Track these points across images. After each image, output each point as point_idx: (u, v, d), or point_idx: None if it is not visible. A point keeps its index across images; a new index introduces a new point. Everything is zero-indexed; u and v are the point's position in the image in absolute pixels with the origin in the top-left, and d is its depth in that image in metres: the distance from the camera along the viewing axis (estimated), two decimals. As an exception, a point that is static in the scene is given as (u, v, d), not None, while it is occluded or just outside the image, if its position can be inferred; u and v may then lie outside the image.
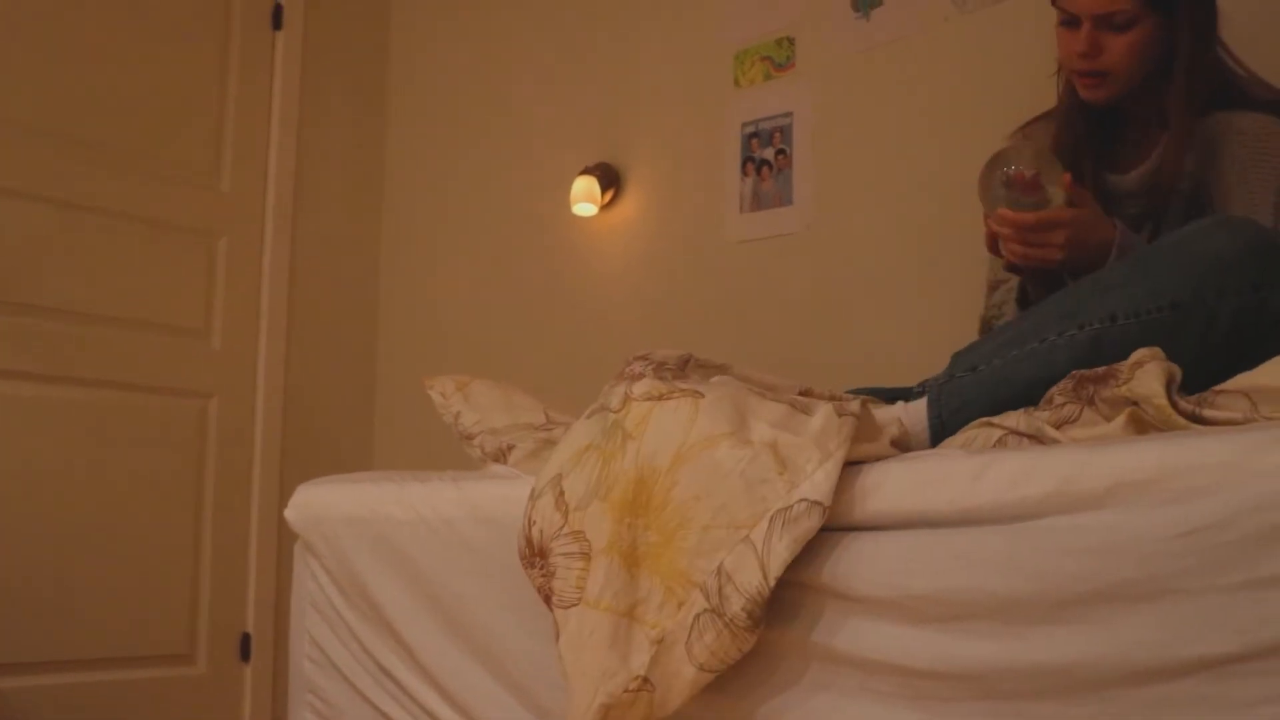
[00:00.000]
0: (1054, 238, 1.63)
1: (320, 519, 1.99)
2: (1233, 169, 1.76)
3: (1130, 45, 1.78)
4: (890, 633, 1.22)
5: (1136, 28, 1.77)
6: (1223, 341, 1.38)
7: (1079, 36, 1.80)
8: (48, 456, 3.20)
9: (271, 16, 3.85)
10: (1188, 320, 1.39)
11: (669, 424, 1.35)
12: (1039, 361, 1.47)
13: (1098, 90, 1.84)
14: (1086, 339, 1.44)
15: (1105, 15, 1.77)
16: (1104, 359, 1.39)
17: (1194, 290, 1.39)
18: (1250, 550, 1.02)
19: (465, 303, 3.75)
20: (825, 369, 2.63)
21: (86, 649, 3.21)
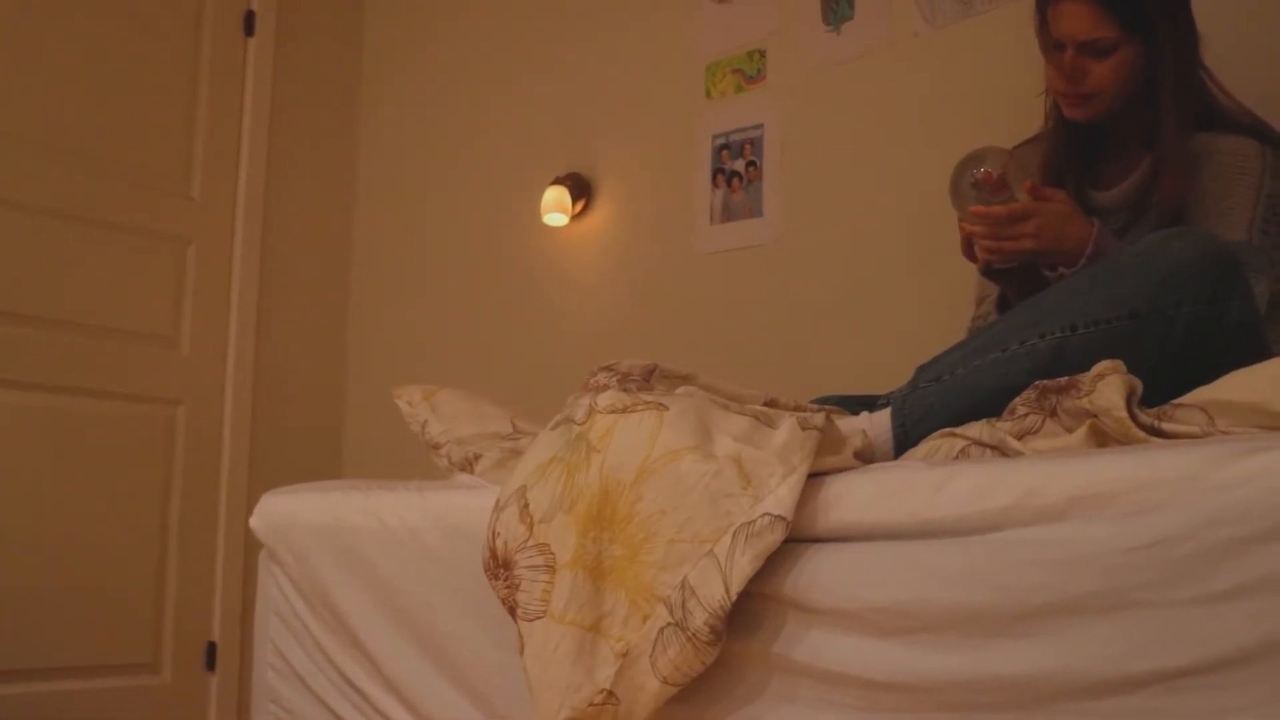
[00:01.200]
0: (1025, 228, 1.67)
1: (285, 528, 1.98)
2: (1213, 187, 1.79)
3: (1113, 69, 1.83)
4: (851, 645, 1.23)
5: (1119, 52, 1.82)
6: (1181, 351, 1.41)
7: (1064, 61, 1.85)
8: (12, 463, 3.17)
9: (244, 23, 3.84)
10: (1146, 329, 1.41)
11: (633, 437, 1.35)
12: (1001, 371, 1.49)
13: (1083, 110, 1.89)
14: (1048, 348, 1.46)
15: (1088, 42, 1.82)
16: (1065, 368, 1.40)
17: (1152, 300, 1.41)
18: (1205, 564, 1.02)
19: (435, 311, 3.74)
20: (793, 380, 2.63)
21: (49, 658, 3.18)
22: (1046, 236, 1.67)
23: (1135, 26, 1.81)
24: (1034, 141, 2.08)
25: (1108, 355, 1.37)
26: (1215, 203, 1.78)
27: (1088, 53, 1.84)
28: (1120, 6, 1.80)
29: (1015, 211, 1.68)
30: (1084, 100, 1.88)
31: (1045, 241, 1.68)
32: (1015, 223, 1.68)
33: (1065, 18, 1.84)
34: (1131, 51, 1.83)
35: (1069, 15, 1.83)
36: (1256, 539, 1.01)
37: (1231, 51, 2.02)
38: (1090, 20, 1.81)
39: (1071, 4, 1.83)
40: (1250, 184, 1.77)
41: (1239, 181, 1.78)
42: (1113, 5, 1.80)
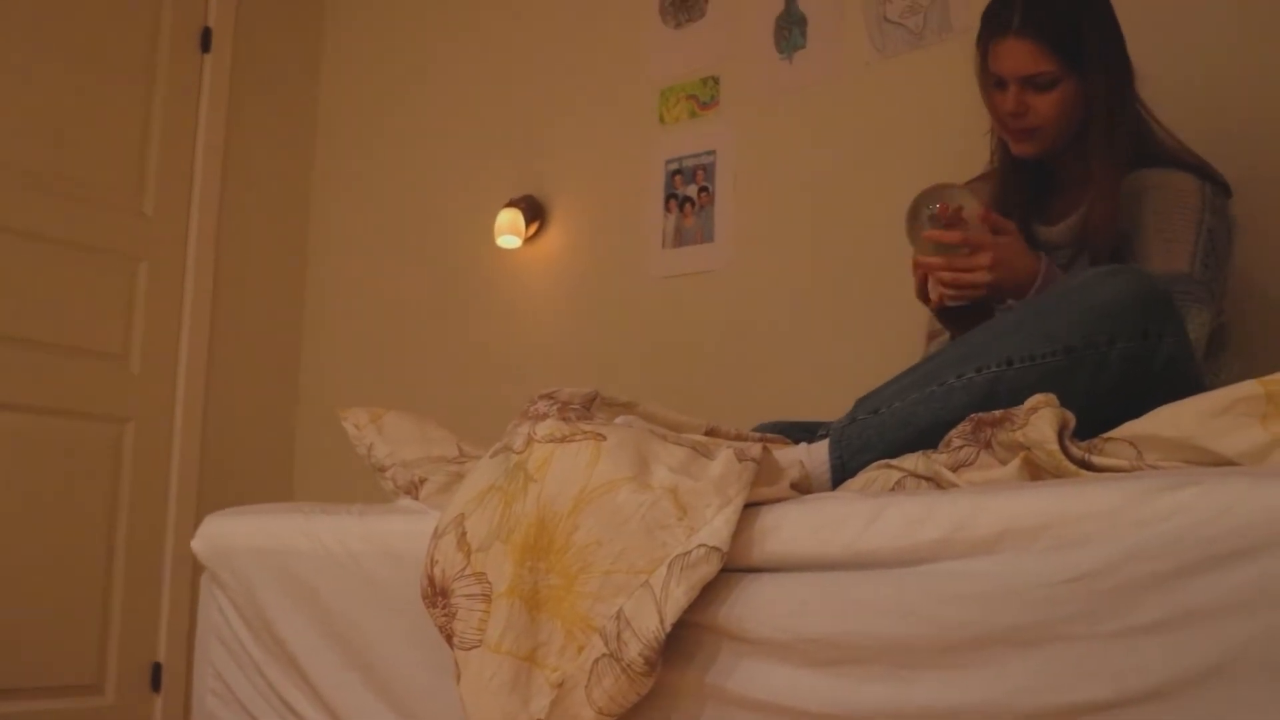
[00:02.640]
0: (980, 260, 1.69)
1: (227, 551, 1.97)
2: (1153, 220, 1.83)
3: (1055, 103, 1.87)
4: (783, 675, 1.23)
5: (1060, 87, 1.86)
6: (1114, 386, 1.44)
7: (1007, 97, 1.89)
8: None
9: (200, 39, 3.83)
10: (1080, 365, 1.44)
11: (570, 467, 1.35)
12: (938, 404, 1.50)
13: (1028, 145, 1.93)
14: (984, 382, 1.48)
15: (1030, 77, 1.87)
16: (1000, 402, 1.43)
17: (1086, 336, 1.44)
18: (1128, 598, 1.04)
19: (389, 332, 3.73)
20: (743, 405, 2.64)
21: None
22: (1001, 269, 1.70)
23: (1074, 62, 1.85)
24: (981, 179, 2.11)
25: (1042, 390, 1.39)
26: (1156, 235, 1.81)
27: (1030, 87, 1.88)
28: (1059, 43, 1.84)
29: (972, 240, 1.70)
30: (1029, 135, 1.92)
31: (1000, 273, 1.70)
32: (971, 253, 1.70)
33: (1006, 55, 1.88)
34: (1072, 86, 1.87)
35: (1010, 52, 1.87)
36: (1178, 574, 1.02)
37: (1170, 92, 2.06)
38: (1031, 56, 1.85)
39: (1012, 41, 1.86)
40: (1190, 218, 1.80)
41: (1179, 215, 1.81)
42: (1051, 41, 1.84)
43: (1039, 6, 1.86)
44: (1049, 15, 1.85)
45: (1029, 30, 1.84)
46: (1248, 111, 2.16)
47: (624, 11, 3.23)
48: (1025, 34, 1.85)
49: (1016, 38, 1.86)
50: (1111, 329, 1.43)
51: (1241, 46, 2.18)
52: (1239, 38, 2.19)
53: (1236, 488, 1.02)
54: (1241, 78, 2.18)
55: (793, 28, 2.85)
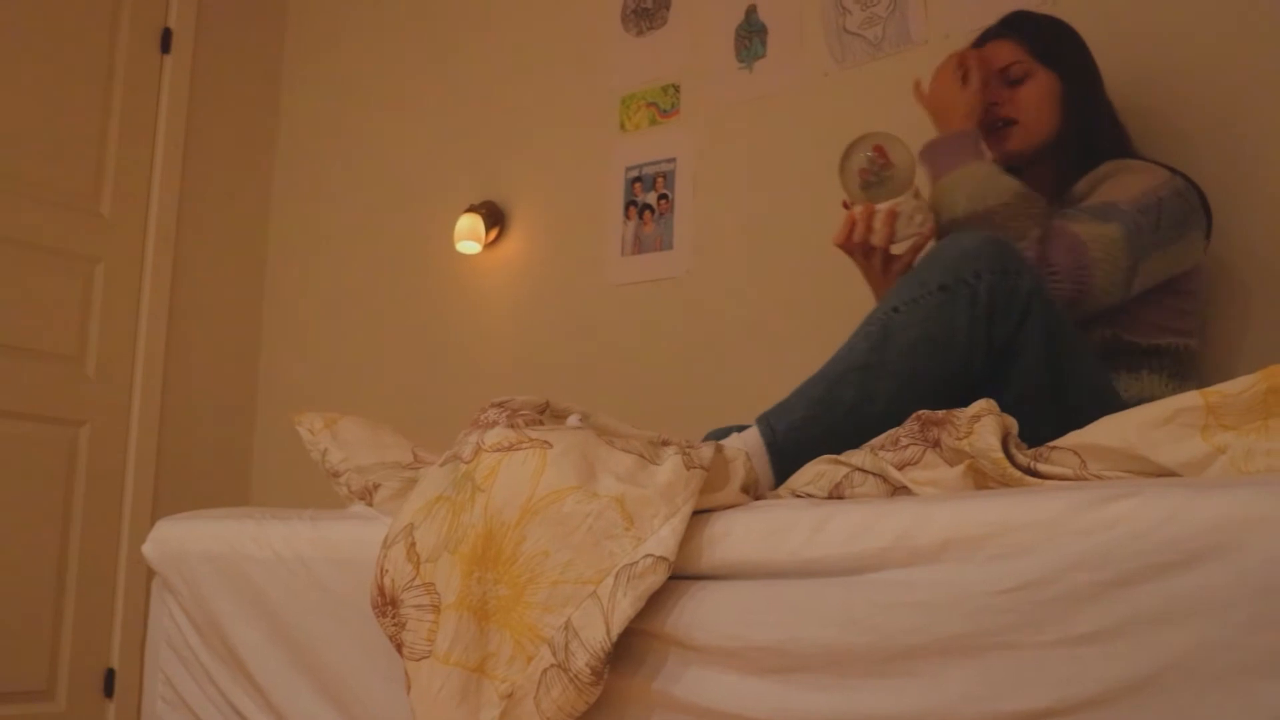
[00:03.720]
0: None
1: (179, 556, 1.96)
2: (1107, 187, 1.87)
3: (1031, 93, 1.99)
4: (730, 682, 1.24)
5: (1033, 79, 1.99)
6: (987, 313, 1.54)
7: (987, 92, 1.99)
8: (-95, 484, 3.10)
9: (160, 40, 3.80)
10: (955, 298, 1.55)
11: (517, 476, 1.36)
12: (844, 357, 1.61)
13: (1008, 140, 2.01)
14: (878, 329, 1.58)
15: (1003, 69, 2.00)
16: (894, 342, 1.56)
17: (954, 274, 1.55)
18: (1068, 607, 1.05)
19: (348, 336, 3.72)
20: (701, 412, 2.65)
21: (-62, 684, 3.11)
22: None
23: (1047, 57, 1.98)
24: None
25: (929, 324, 1.54)
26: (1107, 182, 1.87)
27: (1004, 82, 2.00)
28: (1032, 39, 2.00)
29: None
30: (1005, 128, 2.00)
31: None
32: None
33: (984, 56, 2.02)
34: (1047, 80, 1.98)
35: (985, 52, 2.03)
36: (1118, 584, 1.03)
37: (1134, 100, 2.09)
38: (1005, 50, 2.01)
39: (991, 43, 2.04)
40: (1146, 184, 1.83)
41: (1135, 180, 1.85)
42: (1024, 37, 2.00)
43: (1014, 19, 2.05)
44: (1024, 22, 2.04)
45: (1003, 31, 2.03)
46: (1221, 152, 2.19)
47: (585, 19, 3.24)
48: (1002, 35, 2.03)
49: (995, 40, 2.03)
50: (975, 266, 1.54)
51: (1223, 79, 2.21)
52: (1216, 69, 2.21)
53: (1175, 499, 1.03)
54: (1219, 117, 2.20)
55: (753, 37, 2.86)
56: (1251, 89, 2.13)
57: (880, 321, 1.59)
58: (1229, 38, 2.16)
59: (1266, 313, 2.08)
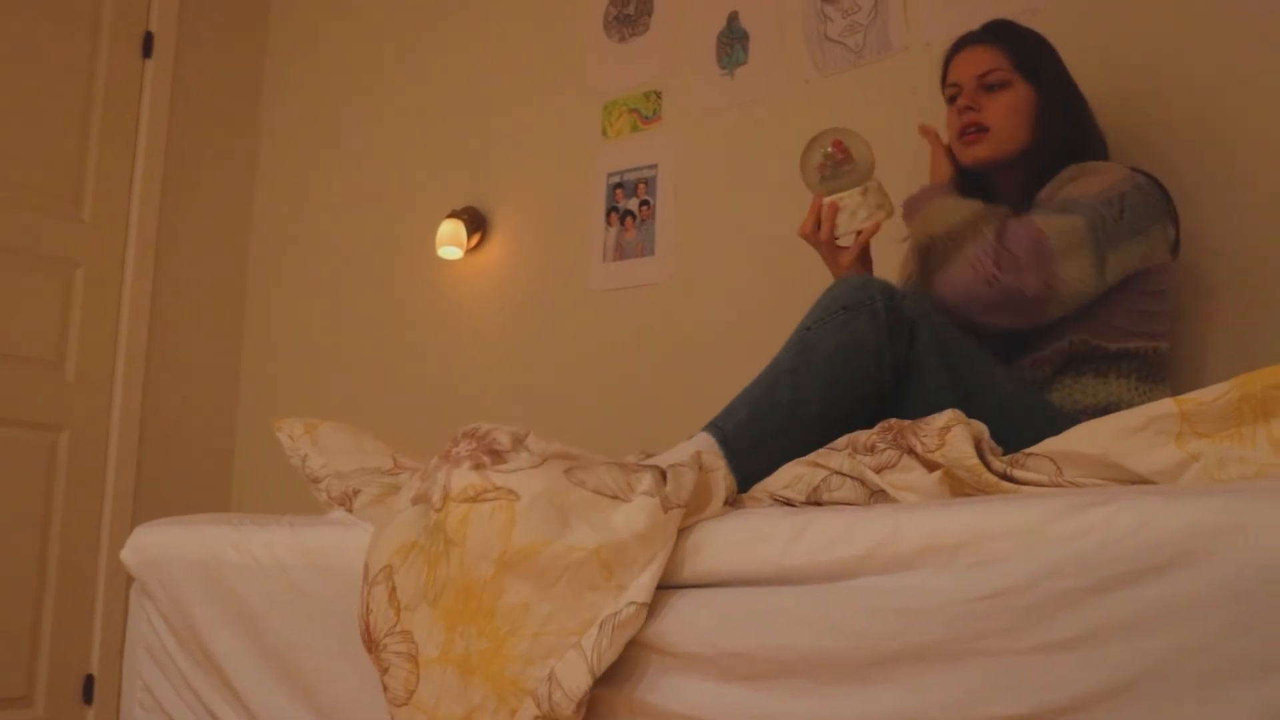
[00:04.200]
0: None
1: (157, 562, 1.95)
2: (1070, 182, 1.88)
3: (1004, 105, 1.99)
4: (708, 689, 1.24)
5: (1010, 90, 1.99)
6: (887, 326, 1.68)
7: (961, 99, 2.03)
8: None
9: (142, 44, 3.79)
10: (858, 314, 1.69)
11: (487, 532, 1.35)
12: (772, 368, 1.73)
13: (979, 146, 2.00)
14: (796, 343, 1.72)
15: (981, 75, 2.01)
16: (813, 352, 1.68)
17: (853, 299, 1.71)
18: (1044, 614, 1.06)
19: (329, 341, 3.71)
20: (684, 417, 2.64)
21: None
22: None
23: (1026, 69, 1.99)
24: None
25: (841, 334, 1.67)
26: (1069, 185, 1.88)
27: (982, 88, 2.01)
28: (1012, 49, 2.01)
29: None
30: (978, 134, 1.99)
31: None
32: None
33: (964, 60, 2.05)
34: (1024, 92, 1.99)
35: (967, 57, 2.04)
36: (1092, 590, 1.04)
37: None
38: (985, 57, 2.02)
39: (971, 49, 2.05)
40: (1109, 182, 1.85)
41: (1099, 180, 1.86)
42: (1005, 46, 2.01)
43: (997, 27, 2.05)
44: (1007, 32, 2.04)
45: (986, 38, 2.04)
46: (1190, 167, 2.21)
47: (568, 25, 3.24)
48: (982, 40, 2.04)
49: (975, 45, 2.04)
50: (868, 293, 1.71)
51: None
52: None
53: (1149, 506, 1.04)
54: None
55: (734, 44, 2.87)
56: (1222, 96, 2.14)
57: (797, 338, 1.72)
58: (1202, 49, 2.18)
59: (1235, 314, 2.09)
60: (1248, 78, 2.12)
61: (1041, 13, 2.32)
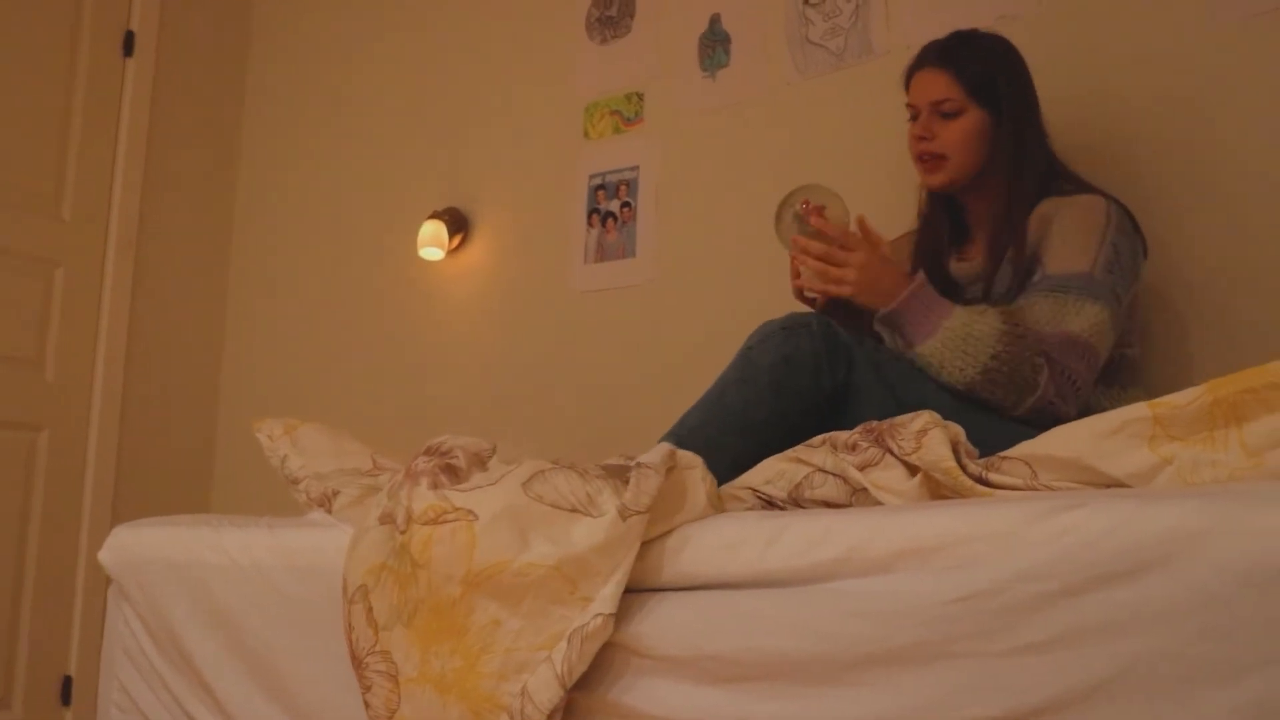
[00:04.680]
0: (846, 274, 1.86)
1: (135, 562, 1.94)
2: (1061, 229, 1.90)
3: (961, 130, 2.03)
4: (685, 692, 1.25)
5: (964, 117, 2.02)
6: (824, 344, 1.76)
7: (918, 124, 2.06)
8: None
9: (123, 43, 3.78)
10: (796, 332, 1.77)
11: (450, 552, 1.35)
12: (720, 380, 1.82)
13: (936, 174, 2.06)
14: (741, 359, 1.80)
15: (936, 102, 2.04)
16: (758, 365, 1.76)
17: (790, 322, 1.78)
18: (1018, 617, 1.06)
19: (310, 342, 3.71)
20: (665, 419, 2.65)
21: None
22: (864, 280, 1.85)
23: (981, 96, 2.01)
24: (908, 235, 2.23)
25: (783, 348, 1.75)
26: (1062, 241, 1.89)
27: (938, 114, 2.03)
28: (966, 76, 2.01)
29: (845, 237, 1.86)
30: (934, 162, 2.05)
31: (863, 283, 1.85)
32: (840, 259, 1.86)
33: (921, 83, 2.07)
34: (977, 118, 2.02)
35: (924, 80, 2.07)
36: (1064, 594, 1.05)
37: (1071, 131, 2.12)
38: (939, 84, 2.03)
39: (927, 71, 2.07)
40: (1096, 228, 1.88)
41: (1084, 226, 1.89)
42: (959, 73, 2.02)
43: (956, 47, 2.06)
44: (964, 54, 2.05)
45: (943, 62, 2.05)
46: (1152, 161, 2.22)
47: (550, 27, 3.24)
48: (940, 65, 2.05)
49: (932, 68, 2.06)
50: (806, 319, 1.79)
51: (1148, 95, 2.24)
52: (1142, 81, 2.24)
53: (1122, 510, 1.05)
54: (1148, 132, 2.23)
55: (716, 46, 2.87)
56: (1195, 101, 2.16)
57: (741, 357, 1.81)
58: (1176, 55, 2.19)
59: (1211, 319, 2.11)
60: (1220, 82, 2.14)
61: (1020, 18, 2.34)
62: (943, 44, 2.08)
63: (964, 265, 2.10)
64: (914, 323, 1.81)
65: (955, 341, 1.76)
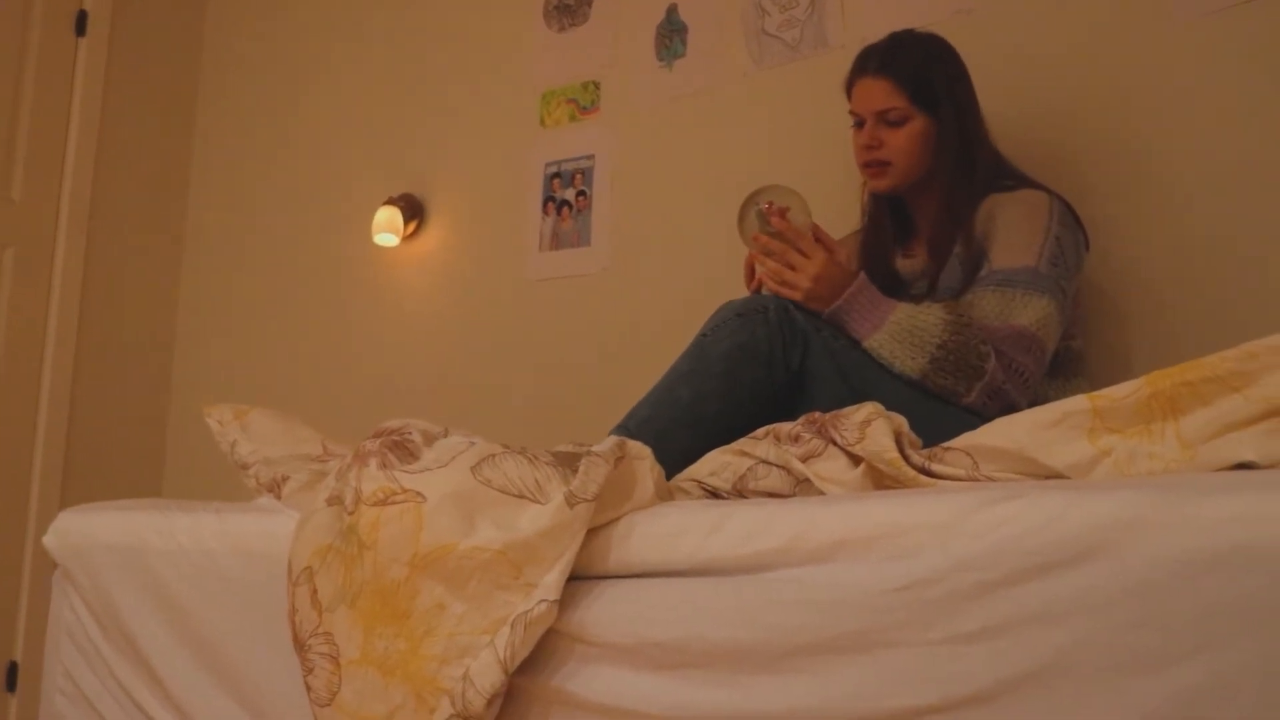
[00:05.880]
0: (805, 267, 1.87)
1: (81, 547, 1.93)
2: (1005, 222, 1.94)
3: (906, 138, 2.06)
4: (626, 678, 1.25)
5: (909, 124, 2.06)
6: (779, 331, 1.78)
7: (863, 133, 2.10)
8: None
9: (75, 22, 3.73)
10: (751, 319, 1.78)
11: (397, 533, 1.35)
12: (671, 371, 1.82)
13: (882, 179, 2.10)
14: (694, 349, 1.81)
15: (881, 112, 2.07)
16: (711, 354, 1.77)
17: (746, 307, 1.81)
18: (955, 606, 1.07)
19: (264, 326, 3.69)
20: (620, 407, 2.65)
21: None
22: (820, 284, 1.86)
23: (924, 102, 2.04)
24: (856, 234, 2.25)
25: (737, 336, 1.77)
26: (1006, 236, 1.92)
27: (883, 122, 2.06)
28: (909, 83, 2.04)
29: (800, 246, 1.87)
30: (882, 169, 2.08)
31: (819, 287, 1.86)
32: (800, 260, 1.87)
33: (863, 92, 2.09)
34: (922, 125, 2.05)
35: (866, 90, 2.09)
36: (1001, 583, 1.06)
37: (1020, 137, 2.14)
38: (884, 93, 2.06)
39: (869, 80, 2.08)
40: (1040, 222, 1.92)
41: (1028, 221, 1.93)
42: (903, 81, 2.05)
43: (894, 53, 2.08)
44: (902, 60, 2.07)
45: (884, 70, 2.06)
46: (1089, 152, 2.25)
47: (508, 14, 3.23)
48: (880, 74, 2.07)
49: (873, 77, 2.08)
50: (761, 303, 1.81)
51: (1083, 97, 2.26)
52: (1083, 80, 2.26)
53: (1059, 501, 1.06)
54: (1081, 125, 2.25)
55: (673, 36, 2.88)
56: (1138, 97, 2.18)
57: (695, 344, 1.81)
58: (1121, 53, 2.21)
59: (1152, 311, 2.14)
60: (1168, 80, 2.17)
61: (973, 13, 2.36)
62: (882, 50, 2.09)
63: (910, 262, 2.13)
64: (858, 320, 1.83)
65: (901, 334, 1.79)
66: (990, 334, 1.78)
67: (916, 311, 1.81)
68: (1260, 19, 2.07)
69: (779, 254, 1.88)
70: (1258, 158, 2.05)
